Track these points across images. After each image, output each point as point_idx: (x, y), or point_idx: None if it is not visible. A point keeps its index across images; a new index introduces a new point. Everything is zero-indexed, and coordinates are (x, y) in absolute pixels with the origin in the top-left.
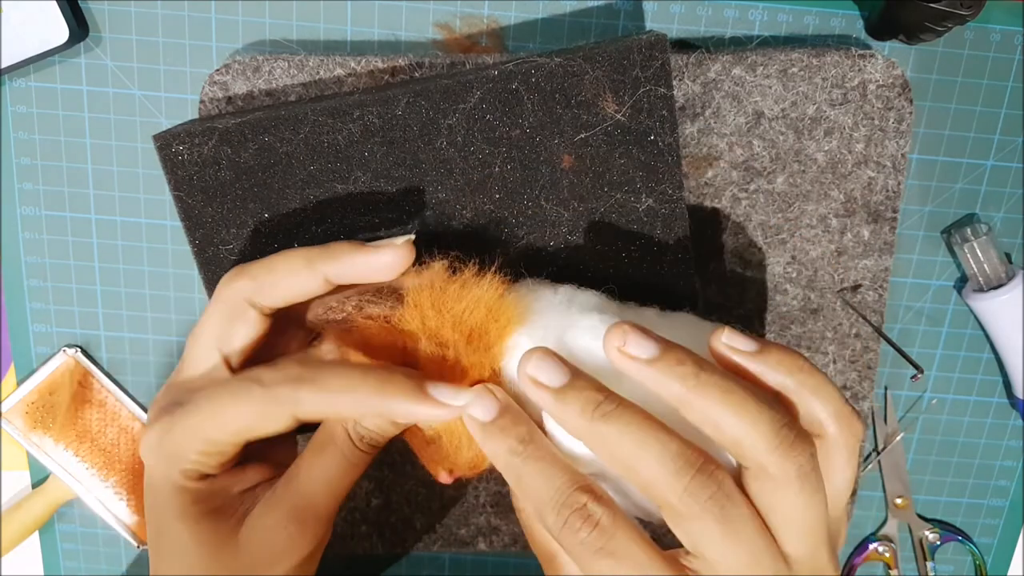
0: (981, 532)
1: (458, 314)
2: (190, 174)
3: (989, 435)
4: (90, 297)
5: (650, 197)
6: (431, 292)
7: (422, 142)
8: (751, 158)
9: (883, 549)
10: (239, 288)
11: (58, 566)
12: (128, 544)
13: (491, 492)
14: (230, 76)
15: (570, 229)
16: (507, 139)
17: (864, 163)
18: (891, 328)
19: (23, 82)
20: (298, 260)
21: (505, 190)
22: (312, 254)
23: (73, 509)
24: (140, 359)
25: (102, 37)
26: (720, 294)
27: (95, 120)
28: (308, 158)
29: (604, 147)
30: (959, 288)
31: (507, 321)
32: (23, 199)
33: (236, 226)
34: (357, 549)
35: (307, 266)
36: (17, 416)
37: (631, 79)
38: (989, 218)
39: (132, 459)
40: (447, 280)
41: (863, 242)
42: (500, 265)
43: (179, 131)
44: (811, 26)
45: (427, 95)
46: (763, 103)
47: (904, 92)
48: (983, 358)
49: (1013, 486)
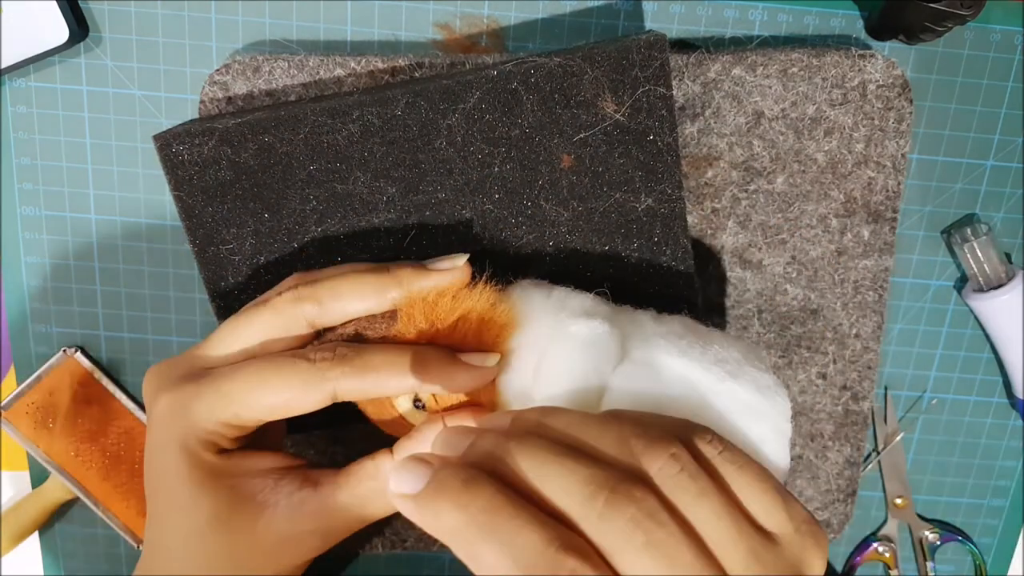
0: (981, 532)
1: (452, 326)
2: (190, 174)
3: (989, 435)
4: (90, 297)
5: (649, 197)
6: (424, 305)
7: (421, 142)
8: (751, 158)
9: (883, 549)
10: (304, 311)
11: (58, 566)
12: (128, 544)
13: None
14: (230, 76)
15: (569, 229)
16: (506, 139)
17: (864, 163)
18: (891, 328)
19: (23, 82)
20: (368, 287)
21: (504, 190)
22: (381, 281)
23: (73, 509)
24: (140, 359)
25: (102, 37)
26: (720, 294)
27: (95, 120)
28: (308, 158)
29: (603, 147)
30: (959, 288)
31: (500, 330)
32: (23, 199)
33: (236, 226)
34: (357, 549)
35: (376, 294)
36: (17, 416)
37: (630, 79)
38: (989, 218)
39: (132, 459)
40: (439, 293)
41: (863, 242)
42: (493, 271)
43: (179, 131)
44: (811, 26)
45: (426, 95)
46: (763, 103)
47: (904, 92)
48: (983, 358)
49: (1013, 486)
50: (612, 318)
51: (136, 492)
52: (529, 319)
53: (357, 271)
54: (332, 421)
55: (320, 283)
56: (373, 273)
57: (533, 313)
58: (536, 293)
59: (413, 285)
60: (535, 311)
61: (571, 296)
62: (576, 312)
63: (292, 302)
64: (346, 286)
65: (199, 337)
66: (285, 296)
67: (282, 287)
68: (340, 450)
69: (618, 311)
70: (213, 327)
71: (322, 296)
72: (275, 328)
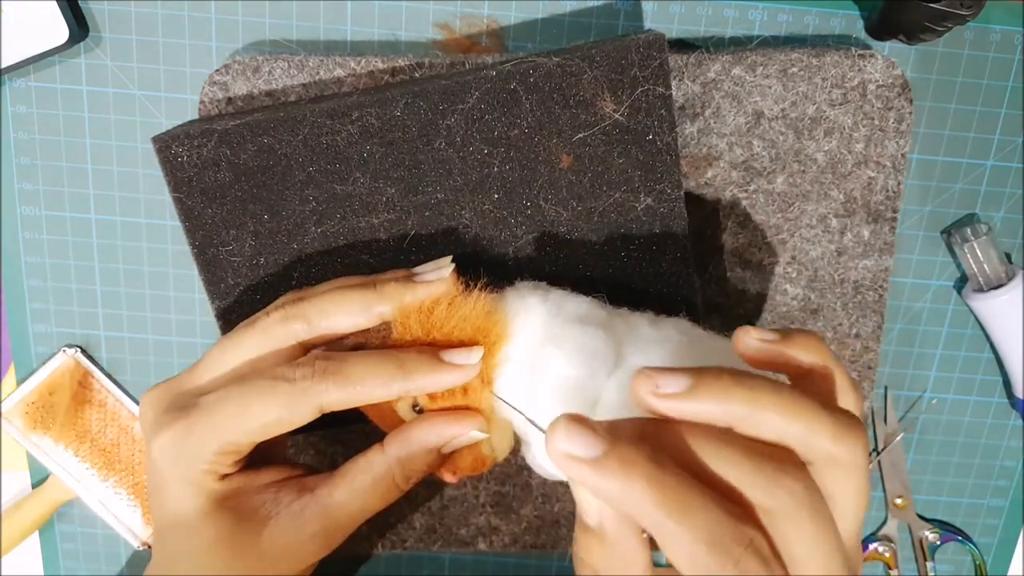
0: (981, 532)
1: (447, 335)
2: (190, 175)
3: (989, 435)
4: (90, 297)
5: (649, 196)
6: (419, 315)
7: (421, 143)
8: (751, 158)
9: (883, 549)
10: (294, 331)
11: (58, 566)
12: (128, 544)
13: (491, 492)
14: (230, 76)
15: (569, 229)
16: (506, 139)
17: (864, 163)
18: (891, 328)
19: (23, 82)
20: (355, 304)
21: (504, 190)
22: (367, 298)
23: (73, 509)
24: (140, 359)
25: (102, 37)
26: (720, 294)
27: (95, 120)
28: (307, 159)
29: (603, 146)
30: (959, 288)
31: (495, 338)
32: (23, 199)
33: (236, 227)
34: (357, 549)
35: (364, 310)
36: (17, 416)
37: (629, 78)
38: (989, 218)
39: (132, 459)
40: (435, 302)
41: (863, 242)
42: (491, 272)
43: (178, 133)
44: (811, 26)
45: (426, 96)
46: (763, 103)
47: (904, 92)
48: (983, 358)
49: (1013, 486)
50: (608, 323)
51: (136, 492)
52: (525, 324)
53: (345, 287)
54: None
55: (307, 301)
56: (359, 289)
57: (529, 318)
58: (533, 296)
59: (400, 299)
60: (531, 316)
61: (568, 300)
62: (572, 317)
63: (280, 322)
64: (333, 304)
65: (199, 337)
66: (273, 316)
67: (271, 307)
68: (340, 450)
69: (615, 315)
70: (213, 327)
71: (310, 314)
72: (264, 348)
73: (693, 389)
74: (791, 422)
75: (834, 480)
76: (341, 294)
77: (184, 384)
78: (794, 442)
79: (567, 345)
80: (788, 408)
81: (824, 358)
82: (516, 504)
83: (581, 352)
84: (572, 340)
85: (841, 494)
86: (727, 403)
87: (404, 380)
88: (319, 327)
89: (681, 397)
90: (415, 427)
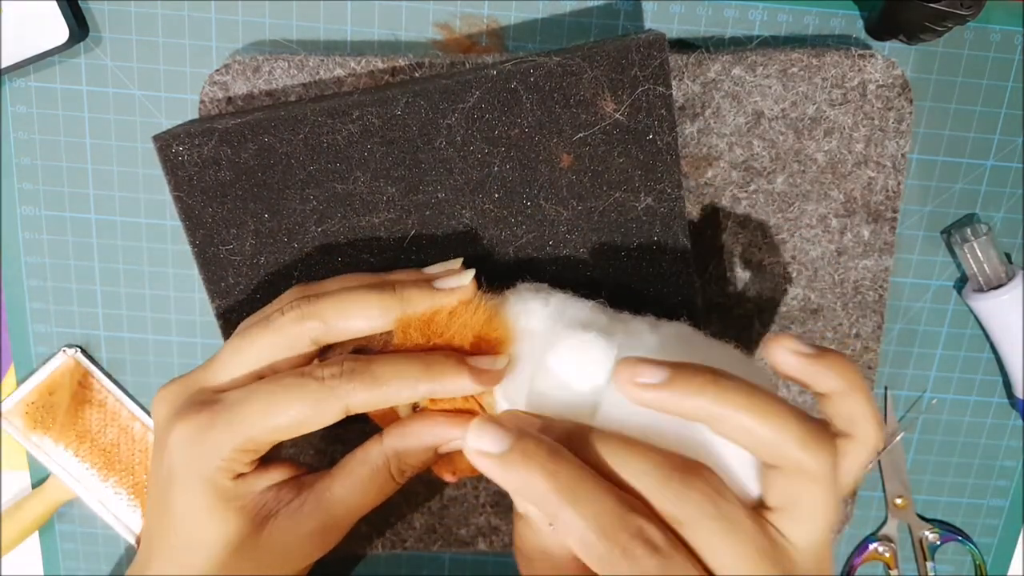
0: (981, 532)
1: (447, 341)
2: (190, 175)
3: (989, 435)
4: (90, 297)
5: (649, 196)
6: (419, 322)
7: (421, 142)
8: (751, 158)
9: (883, 549)
10: (308, 329)
11: (58, 566)
12: (128, 544)
13: (491, 492)
14: (230, 76)
15: (569, 228)
16: (506, 139)
17: (864, 163)
18: (891, 328)
19: (23, 82)
20: (374, 308)
21: (504, 190)
22: (387, 302)
23: (73, 509)
24: (140, 359)
25: (102, 37)
26: (720, 294)
27: (95, 120)
28: (308, 158)
29: (603, 146)
30: (959, 288)
31: (496, 344)
32: (23, 199)
33: (236, 226)
34: (357, 549)
35: (383, 314)
36: (17, 416)
37: (630, 78)
38: (989, 218)
39: (132, 459)
40: (434, 309)
41: (863, 242)
42: (491, 274)
43: (179, 132)
44: (811, 26)
45: (426, 95)
46: (763, 103)
47: (904, 92)
48: (983, 358)
49: (1013, 486)
50: (609, 328)
51: (136, 492)
52: (525, 330)
53: (360, 287)
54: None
55: (323, 300)
56: (377, 292)
57: (529, 323)
58: (534, 301)
59: (419, 306)
60: (531, 321)
61: (569, 304)
62: (573, 323)
63: (295, 321)
64: (353, 305)
65: (199, 337)
66: (288, 315)
67: (283, 302)
68: (340, 449)
69: (616, 320)
70: (213, 327)
71: (327, 315)
72: (279, 348)
73: (669, 382)
74: (760, 425)
75: (798, 487)
76: (360, 295)
77: (200, 381)
78: (762, 445)
79: (568, 351)
80: (759, 411)
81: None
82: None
83: (582, 359)
84: (573, 346)
85: (804, 501)
86: (699, 399)
87: (430, 383)
88: (335, 328)
89: (657, 388)
90: (416, 422)
